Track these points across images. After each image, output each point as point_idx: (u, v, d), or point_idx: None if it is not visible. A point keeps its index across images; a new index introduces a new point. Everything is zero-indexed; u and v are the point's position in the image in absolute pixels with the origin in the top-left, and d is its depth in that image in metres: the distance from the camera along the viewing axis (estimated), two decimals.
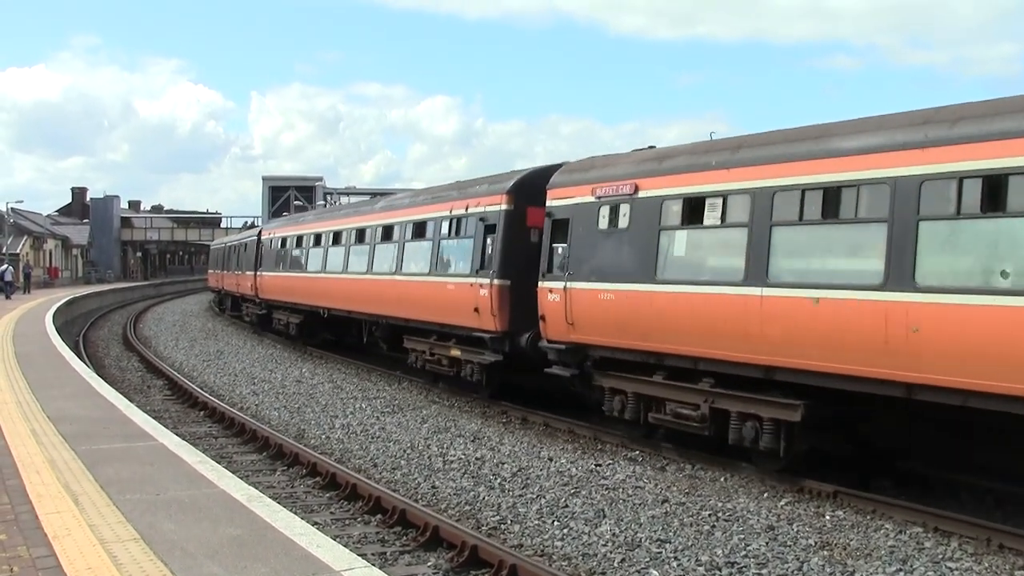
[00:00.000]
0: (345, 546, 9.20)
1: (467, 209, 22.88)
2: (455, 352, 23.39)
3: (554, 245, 19.34)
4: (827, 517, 13.02)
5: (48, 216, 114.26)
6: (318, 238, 35.31)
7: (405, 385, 26.38)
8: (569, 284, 18.42)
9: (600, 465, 16.12)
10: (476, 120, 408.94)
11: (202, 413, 21.89)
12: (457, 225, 23.52)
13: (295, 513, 10.47)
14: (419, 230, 25.90)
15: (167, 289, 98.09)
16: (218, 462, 13.21)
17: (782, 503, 13.73)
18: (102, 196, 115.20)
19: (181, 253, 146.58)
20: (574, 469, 15.80)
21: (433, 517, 12.27)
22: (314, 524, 10.73)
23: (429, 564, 11.12)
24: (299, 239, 38.13)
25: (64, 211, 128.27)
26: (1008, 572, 10.86)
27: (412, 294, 25.48)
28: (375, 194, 74.66)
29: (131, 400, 19.28)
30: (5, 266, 63.86)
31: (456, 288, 22.77)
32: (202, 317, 57.29)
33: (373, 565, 8.37)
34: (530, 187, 21.09)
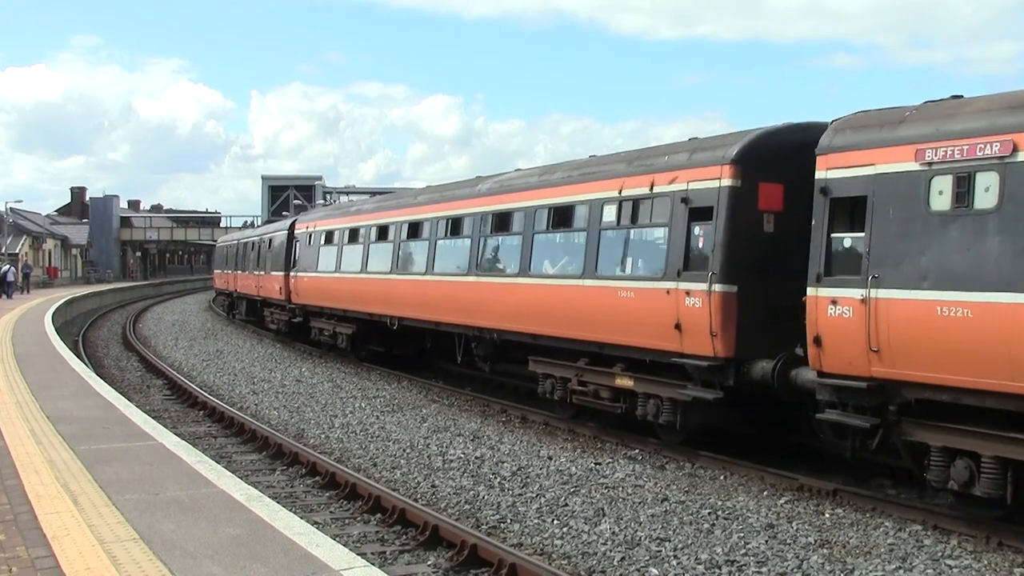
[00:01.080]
0: (344, 545, 9.21)
1: (652, 188, 16.97)
2: (624, 382, 17.66)
3: (835, 235, 13.67)
4: (826, 515, 13.02)
5: (47, 216, 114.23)
6: (383, 231, 28.85)
7: (404, 384, 26.37)
8: (875, 292, 12.75)
9: (600, 464, 16.11)
10: (477, 119, 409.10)
11: (201, 413, 21.89)
12: (634, 210, 17.58)
13: (294, 513, 10.47)
14: (561, 218, 19.97)
15: (167, 289, 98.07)
16: (217, 462, 13.22)
17: (782, 501, 13.73)
18: (101, 196, 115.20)
19: (180, 253, 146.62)
20: (574, 468, 15.79)
21: (433, 516, 12.26)
22: (313, 523, 10.73)
23: (429, 563, 11.12)
24: (353, 233, 31.40)
25: (63, 211, 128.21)
26: (1007, 570, 10.86)
27: (549, 302, 19.64)
28: (375, 193, 72.88)
29: (130, 400, 19.29)
30: (7, 267, 64.52)
31: (639, 297, 16.96)
32: (201, 317, 57.27)
33: (373, 564, 8.38)
34: (765, 154, 15.59)
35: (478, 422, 20.37)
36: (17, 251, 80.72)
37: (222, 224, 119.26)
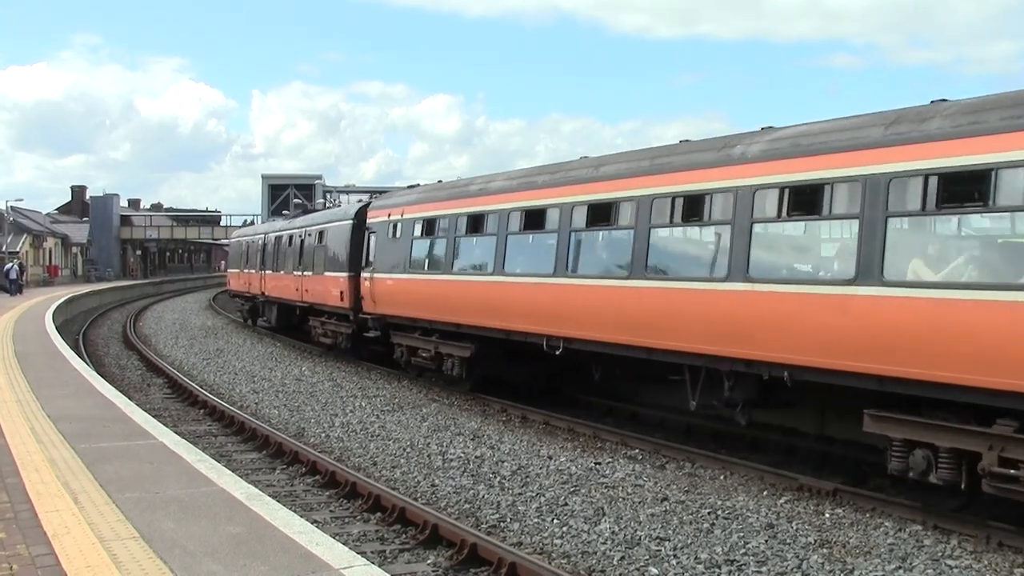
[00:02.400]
0: (344, 544, 9.20)
1: None
2: None
3: None
4: (826, 515, 13.01)
5: (47, 215, 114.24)
6: (536, 217, 20.36)
7: (405, 384, 26.37)
8: None
9: (600, 463, 16.12)
10: (477, 119, 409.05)
11: (202, 411, 21.89)
12: None
13: (294, 511, 10.47)
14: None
15: (167, 287, 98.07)
16: (217, 460, 13.22)
17: (781, 501, 13.73)
18: (101, 194, 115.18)
19: (181, 251, 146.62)
20: (574, 467, 15.80)
21: (432, 515, 12.26)
22: (313, 522, 10.73)
23: (428, 562, 11.12)
24: (476, 220, 22.79)
25: (63, 209, 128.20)
26: (1007, 570, 10.86)
27: (937, 327, 11.77)
28: (375, 192, 71.58)
29: (131, 398, 19.28)
30: (11, 264, 66.06)
31: None
32: (202, 316, 57.28)
33: (372, 563, 8.38)
34: None
35: (478, 421, 20.37)
36: (17, 249, 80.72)
37: (222, 223, 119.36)
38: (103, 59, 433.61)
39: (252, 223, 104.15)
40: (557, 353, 19.14)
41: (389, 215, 27.46)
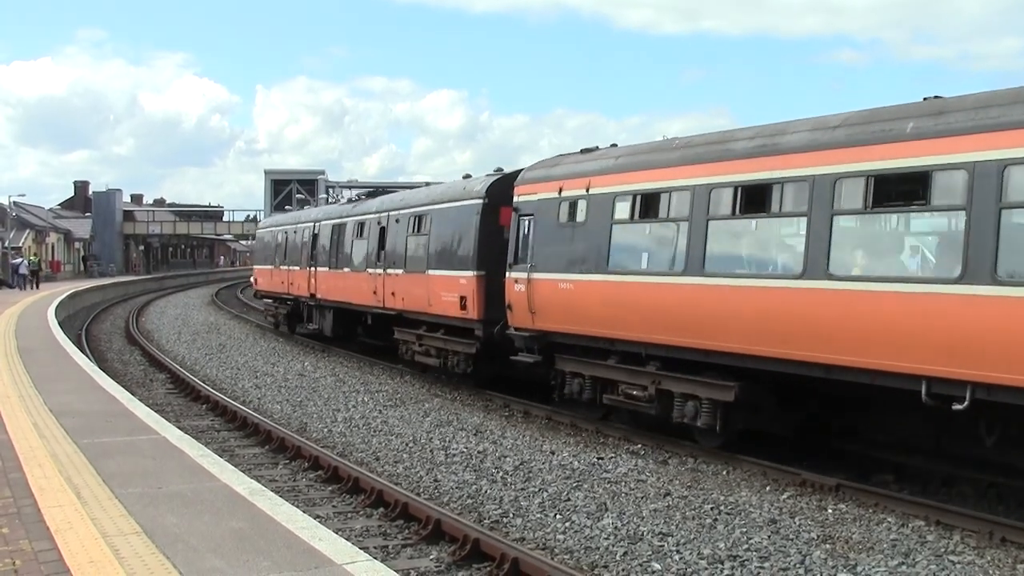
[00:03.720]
0: (347, 539, 9.19)
1: None
2: None
3: None
4: (829, 510, 13.01)
5: (50, 210, 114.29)
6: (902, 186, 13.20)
7: (407, 379, 26.37)
8: None
9: (602, 458, 16.12)
10: (481, 114, 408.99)
11: (204, 407, 21.90)
12: None
13: (297, 507, 10.49)
14: None
15: (169, 283, 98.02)
16: (220, 456, 13.22)
17: (784, 496, 13.72)
18: (104, 190, 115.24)
19: (183, 247, 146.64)
20: (576, 463, 15.79)
21: (435, 510, 12.27)
22: (316, 517, 10.73)
23: (431, 557, 11.12)
24: (755, 194, 15.28)
25: (66, 205, 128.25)
26: (1010, 565, 10.85)
27: None
28: (378, 187, 69.94)
29: (133, 394, 19.29)
30: (21, 260, 68.86)
31: None
32: (204, 311, 57.27)
33: (375, 558, 8.37)
34: None
35: (481, 416, 20.38)
36: (20, 244, 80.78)
37: (224, 218, 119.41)
38: (107, 54, 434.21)
39: (255, 219, 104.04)
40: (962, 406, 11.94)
41: (560, 190, 19.54)
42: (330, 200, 50.87)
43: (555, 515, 12.71)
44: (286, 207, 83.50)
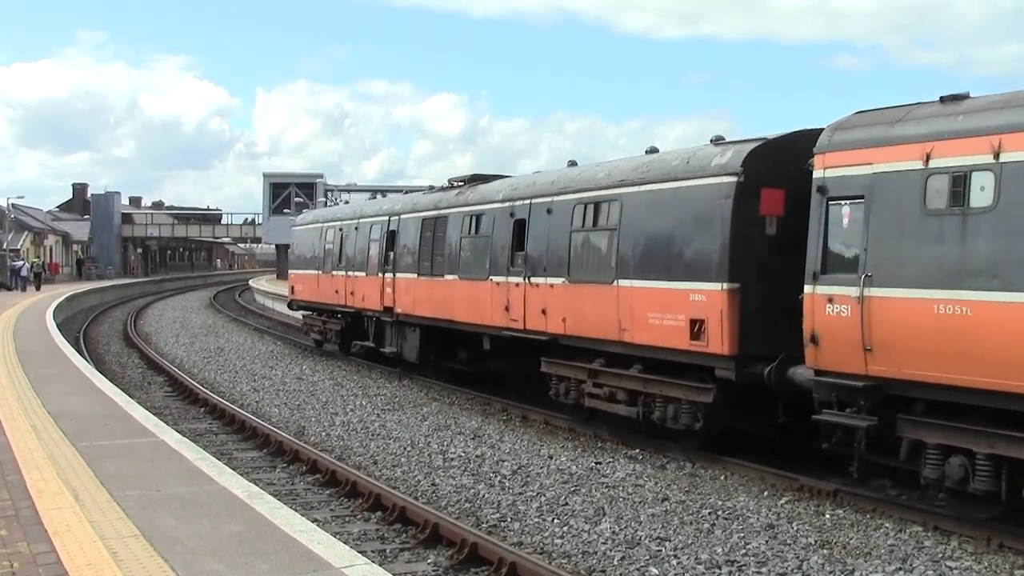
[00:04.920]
0: (345, 543, 9.20)
1: None
2: None
3: None
4: (827, 516, 13.02)
5: (49, 212, 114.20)
6: None
7: (406, 383, 26.37)
8: None
9: (600, 463, 16.13)
10: (482, 118, 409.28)
11: (202, 410, 21.89)
12: None
13: (295, 510, 10.49)
14: None
15: (167, 286, 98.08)
16: (218, 459, 13.25)
17: (782, 501, 13.73)
18: (103, 192, 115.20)
19: (182, 250, 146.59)
20: (574, 467, 15.80)
21: (433, 515, 12.28)
22: (314, 521, 10.73)
23: (429, 561, 11.13)
24: None
25: (65, 207, 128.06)
26: (1008, 571, 10.87)
27: None
28: (377, 191, 69.39)
29: (131, 396, 19.30)
30: (22, 262, 70.39)
31: None
32: (202, 314, 57.26)
33: (373, 562, 8.39)
34: None
35: (479, 420, 20.38)
36: (19, 247, 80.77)
37: (223, 221, 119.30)
38: (108, 56, 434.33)
39: (253, 222, 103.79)
40: None
41: (926, 157, 12.43)
42: (328, 204, 49.16)
43: (553, 519, 12.72)
44: (284, 210, 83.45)
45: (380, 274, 28.31)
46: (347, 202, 33.67)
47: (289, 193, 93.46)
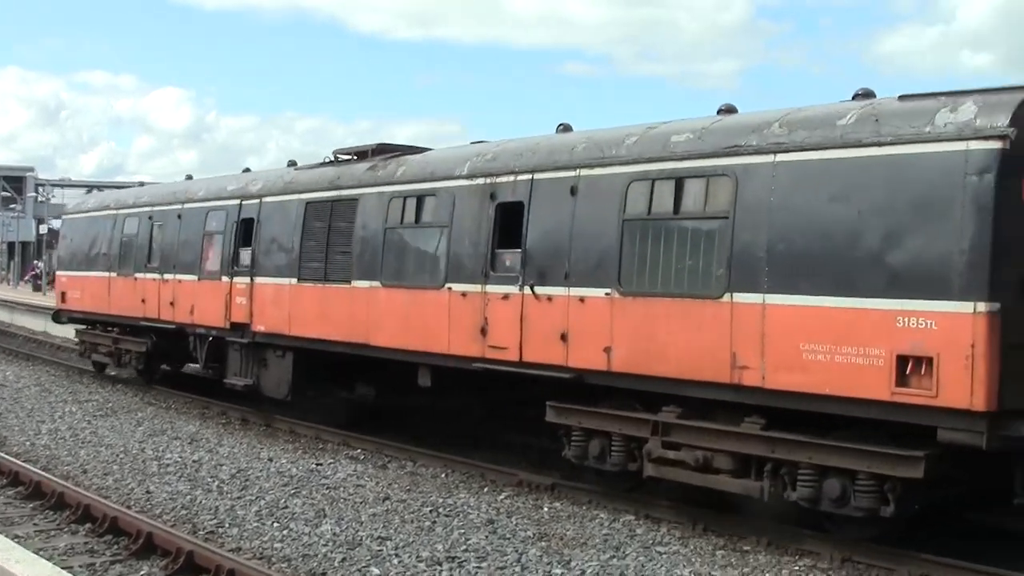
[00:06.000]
0: (49, 559, 8.75)
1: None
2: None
3: None
4: (545, 509, 13.35)
5: None
6: None
7: (119, 387, 25.31)
8: None
9: (321, 464, 15.98)
10: (208, 114, 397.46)
11: None
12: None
13: None
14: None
15: None
16: None
17: (502, 497, 13.99)
18: None
19: None
20: (295, 469, 15.59)
21: (146, 523, 11.82)
22: (14, 538, 10.15)
23: (142, 573, 10.70)
24: None
25: None
26: (711, 552, 11.49)
27: None
28: (95, 187, 65.33)
29: None
30: None
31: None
32: None
33: None
34: None
35: (197, 424, 19.81)
36: None
37: None
38: None
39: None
40: None
41: None
42: (39, 200, 44.46)
43: (273, 523, 12.48)
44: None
45: (225, 278, 20.83)
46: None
47: None
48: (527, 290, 13.97)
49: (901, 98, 11.01)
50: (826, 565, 11.06)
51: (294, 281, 18.74)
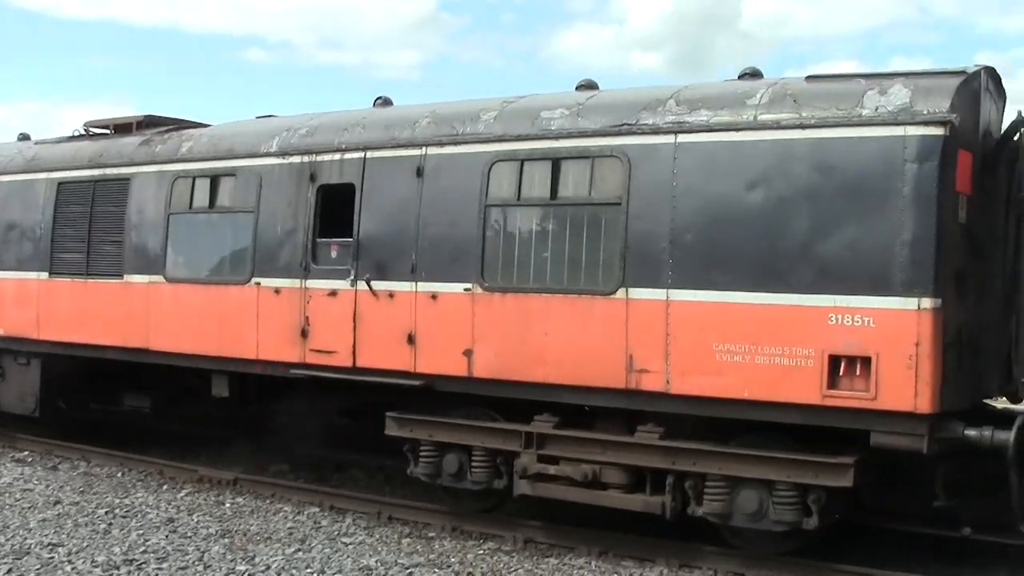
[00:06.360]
0: None
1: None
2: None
3: None
4: (227, 505, 13.09)
5: None
6: None
7: None
8: None
9: None
10: None
11: None
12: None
13: None
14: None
15: None
16: None
17: (182, 494, 13.61)
18: None
19: None
20: None
21: None
22: None
23: None
24: None
25: None
26: (396, 540, 11.60)
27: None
28: None
29: None
30: None
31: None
32: None
33: None
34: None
35: None
36: None
37: None
38: None
39: None
40: None
41: None
42: None
43: None
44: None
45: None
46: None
47: None
48: (361, 285, 12.13)
49: (809, 79, 10.22)
50: (509, 547, 11.40)
51: (44, 276, 15.86)
